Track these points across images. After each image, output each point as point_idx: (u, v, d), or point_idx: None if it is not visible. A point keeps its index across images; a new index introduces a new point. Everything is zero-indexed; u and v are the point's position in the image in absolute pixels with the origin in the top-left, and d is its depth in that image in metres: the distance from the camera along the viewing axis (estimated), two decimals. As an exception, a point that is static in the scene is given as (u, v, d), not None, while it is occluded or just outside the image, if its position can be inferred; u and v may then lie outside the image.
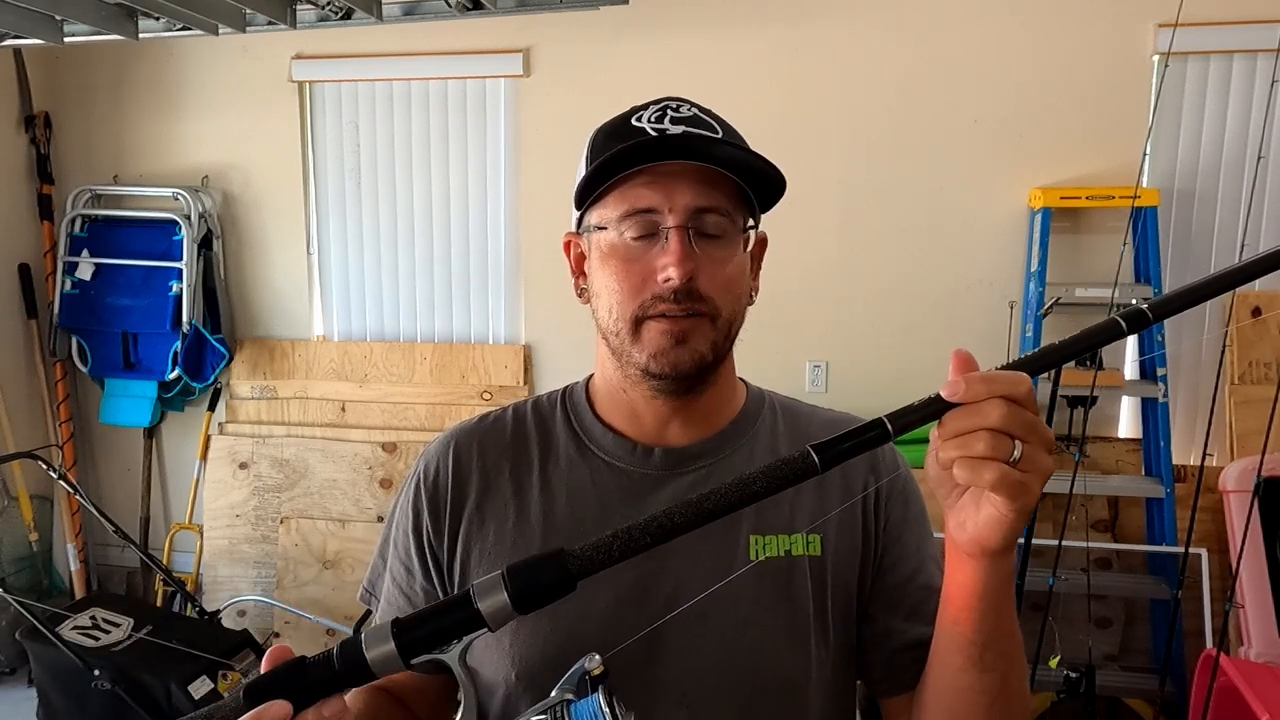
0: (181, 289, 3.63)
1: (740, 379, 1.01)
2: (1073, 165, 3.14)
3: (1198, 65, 3.07)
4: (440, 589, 0.96)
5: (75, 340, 3.82)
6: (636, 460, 0.94)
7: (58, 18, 2.99)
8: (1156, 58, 3.05)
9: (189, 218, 3.64)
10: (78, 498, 3.21)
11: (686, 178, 0.85)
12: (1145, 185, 2.87)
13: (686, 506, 0.66)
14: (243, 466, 3.72)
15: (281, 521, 3.64)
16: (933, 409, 0.67)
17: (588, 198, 0.89)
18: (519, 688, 0.89)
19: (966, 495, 0.70)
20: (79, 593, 3.84)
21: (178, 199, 3.68)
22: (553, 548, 0.66)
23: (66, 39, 3.10)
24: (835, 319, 3.36)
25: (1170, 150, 3.12)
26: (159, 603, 3.73)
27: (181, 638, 2.82)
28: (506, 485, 0.95)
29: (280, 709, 0.63)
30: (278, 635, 3.57)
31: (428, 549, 0.96)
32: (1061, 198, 3.04)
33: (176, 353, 3.64)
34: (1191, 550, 2.61)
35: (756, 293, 0.96)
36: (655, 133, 0.85)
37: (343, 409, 3.73)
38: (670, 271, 0.84)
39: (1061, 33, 3.11)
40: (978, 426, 0.64)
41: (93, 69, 3.82)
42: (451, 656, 0.65)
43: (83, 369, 3.84)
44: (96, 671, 2.65)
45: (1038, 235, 3.07)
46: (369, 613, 1.07)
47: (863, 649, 0.95)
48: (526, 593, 0.64)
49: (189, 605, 3.31)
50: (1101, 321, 0.69)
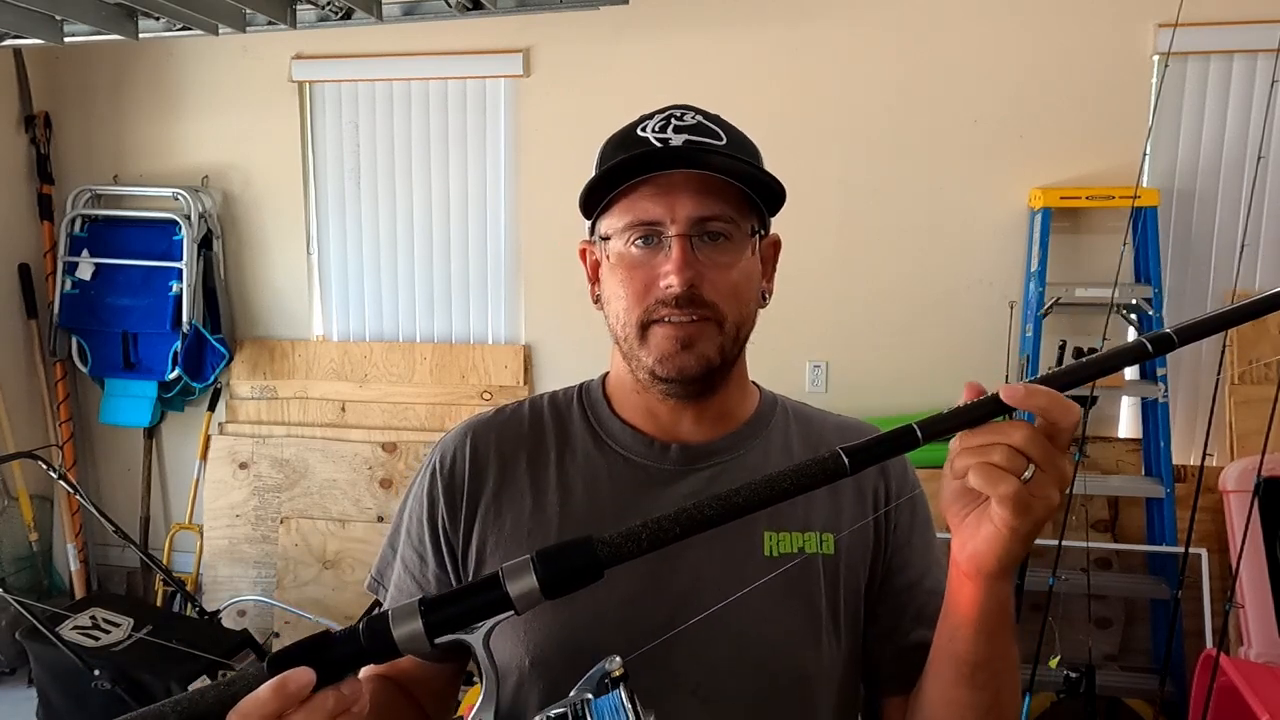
0: (181, 289, 3.63)
1: (753, 382, 1.03)
2: (1073, 165, 3.14)
3: (1198, 65, 3.07)
4: (454, 578, 0.97)
5: (75, 340, 3.82)
6: (653, 455, 0.95)
7: (58, 18, 2.99)
8: (1156, 58, 3.05)
9: (189, 218, 3.64)
10: (78, 498, 3.21)
11: (689, 187, 0.86)
12: (1145, 185, 2.87)
13: (717, 500, 0.66)
14: (243, 466, 3.72)
15: (281, 521, 3.64)
16: (967, 415, 0.68)
17: (593, 208, 0.91)
18: (533, 675, 0.90)
19: (971, 516, 0.72)
20: (79, 593, 3.84)
21: (178, 199, 3.68)
22: (579, 536, 0.66)
23: (66, 39, 3.10)
24: (835, 319, 3.36)
25: (1170, 150, 3.12)
26: (159, 603, 3.73)
27: (181, 638, 2.81)
28: (524, 476, 0.96)
29: (304, 676, 0.62)
30: (278, 635, 3.57)
31: (442, 537, 0.97)
32: (1061, 198, 3.04)
33: (176, 353, 3.64)
34: (1191, 550, 2.61)
35: (770, 294, 0.97)
36: (659, 142, 0.87)
37: (343, 409, 3.73)
38: (671, 279, 0.86)
39: (1061, 33, 3.11)
40: (998, 442, 0.67)
41: (93, 69, 3.82)
42: (476, 638, 0.64)
43: (83, 369, 3.84)
44: (96, 671, 2.65)
45: (1038, 235, 3.07)
46: (376, 604, 1.07)
47: (867, 649, 0.96)
48: (556, 578, 0.64)
49: (189, 605, 3.31)
50: (1128, 343, 0.71)
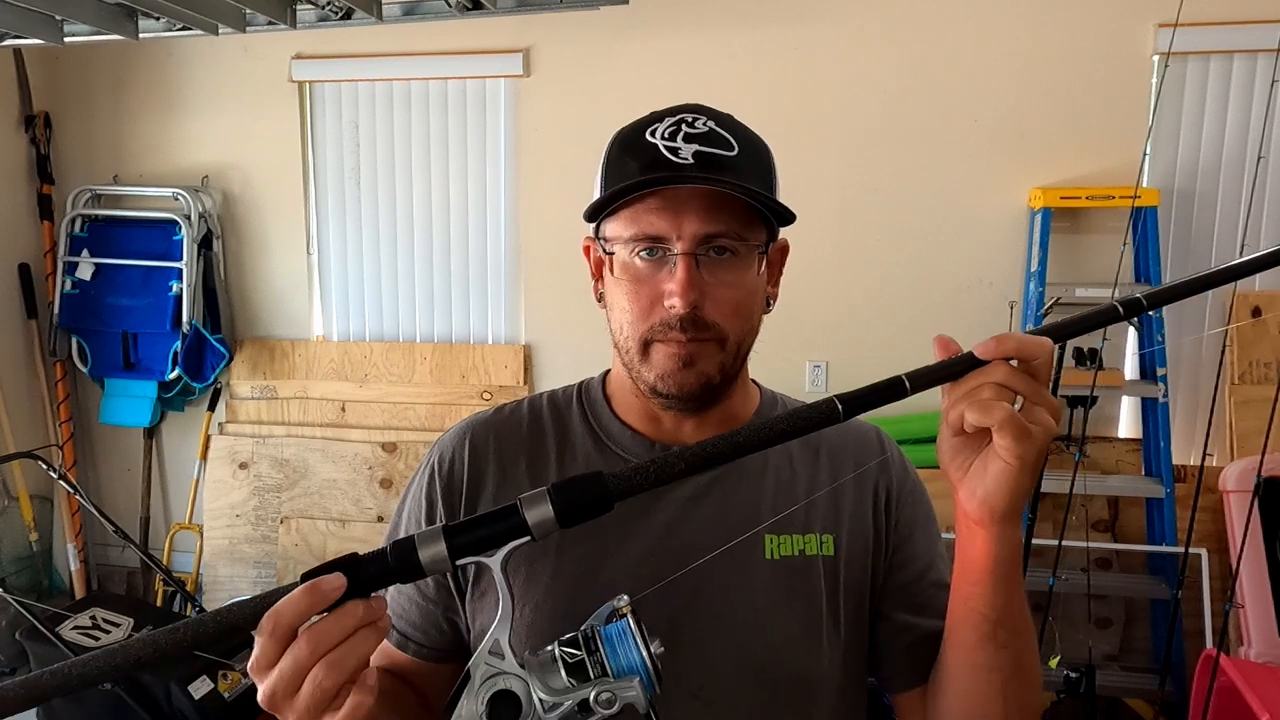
0: (181, 289, 3.63)
1: (753, 381, 1.03)
2: (1073, 165, 3.14)
3: (1198, 65, 3.07)
4: (452, 577, 0.96)
5: (75, 340, 3.82)
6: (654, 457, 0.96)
7: (58, 18, 2.99)
8: (1156, 58, 3.05)
9: (189, 218, 3.64)
10: (78, 498, 3.21)
11: (696, 203, 0.85)
12: (1145, 185, 2.87)
13: (720, 439, 0.71)
14: (243, 466, 3.72)
15: (281, 521, 3.64)
16: (950, 369, 0.73)
17: (598, 211, 0.91)
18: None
19: (975, 463, 0.75)
20: (79, 593, 3.85)
21: (178, 199, 3.68)
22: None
23: (66, 39, 3.09)
24: (835, 319, 3.36)
25: (1170, 150, 3.12)
26: (159, 603, 3.73)
27: (181, 638, 2.81)
28: (523, 477, 0.96)
29: (337, 579, 0.65)
30: (278, 635, 3.57)
31: None
32: (1061, 198, 3.04)
33: (176, 353, 3.64)
34: (1191, 550, 2.61)
35: (775, 299, 0.97)
36: (668, 151, 0.86)
37: (343, 409, 3.73)
38: (675, 301, 0.85)
39: (1061, 33, 3.11)
40: (983, 381, 0.72)
41: (93, 69, 3.83)
42: (495, 561, 0.68)
43: (83, 369, 3.84)
44: (96, 671, 2.64)
45: (1038, 235, 3.07)
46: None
47: (875, 645, 0.97)
48: (570, 507, 0.68)
49: (189, 605, 3.31)
50: (1100, 305, 0.77)
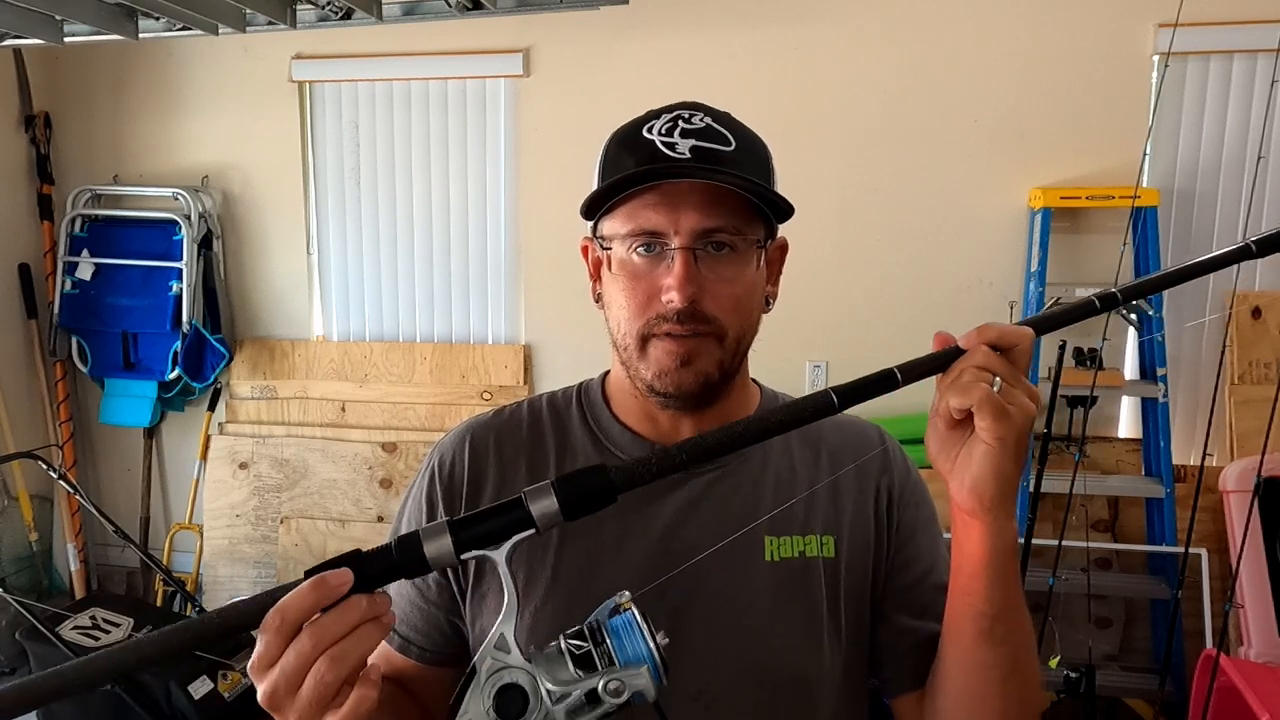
0: (181, 289, 3.63)
1: (753, 380, 1.02)
2: (1073, 165, 3.14)
3: (1198, 65, 3.07)
4: (453, 580, 0.96)
5: (75, 340, 3.82)
6: None
7: (58, 18, 2.99)
8: (1156, 58, 3.05)
9: (189, 218, 3.64)
10: (78, 498, 3.21)
11: (694, 197, 0.85)
12: (1145, 185, 2.87)
13: (720, 431, 0.71)
14: (243, 466, 3.72)
15: (281, 521, 3.64)
16: (937, 360, 0.76)
17: (595, 209, 0.90)
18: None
19: (961, 453, 0.75)
20: (79, 593, 3.84)
21: (178, 199, 3.68)
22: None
23: (66, 39, 3.09)
24: (835, 319, 3.36)
25: (1170, 150, 3.12)
26: (159, 603, 3.73)
27: (181, 638, 2.81)
28: (523, 479, 0.95)
29: (343, 574, 0.65)
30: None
31: None
32: (1061, 198, 3.04)
33: (176, 353, 3.64)
34: (1191, 550, 2.61)
35: (774, 299, 0.96)
36: (665, 147, 0.85)
37: (343, 409, 3.73)
38: (672, 295, 0.84)
39: (1061, 33, 3.11)
40: (963, 366, 0.74)
41: (93, 69, 3.82)
42: (500, 554, 0.68)
43: (83, 369, 3.84)
44: (96, 671, 2.64)
45: (1037, 235, 3.07)
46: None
47: (875, 647, 0.96)
48: (574, 499, 0.68)
49: (189, 605, 3.31)
50: (1079, 299, 0.80)
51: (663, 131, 0.87)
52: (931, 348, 0.77)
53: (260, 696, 0.65)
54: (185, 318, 3.62)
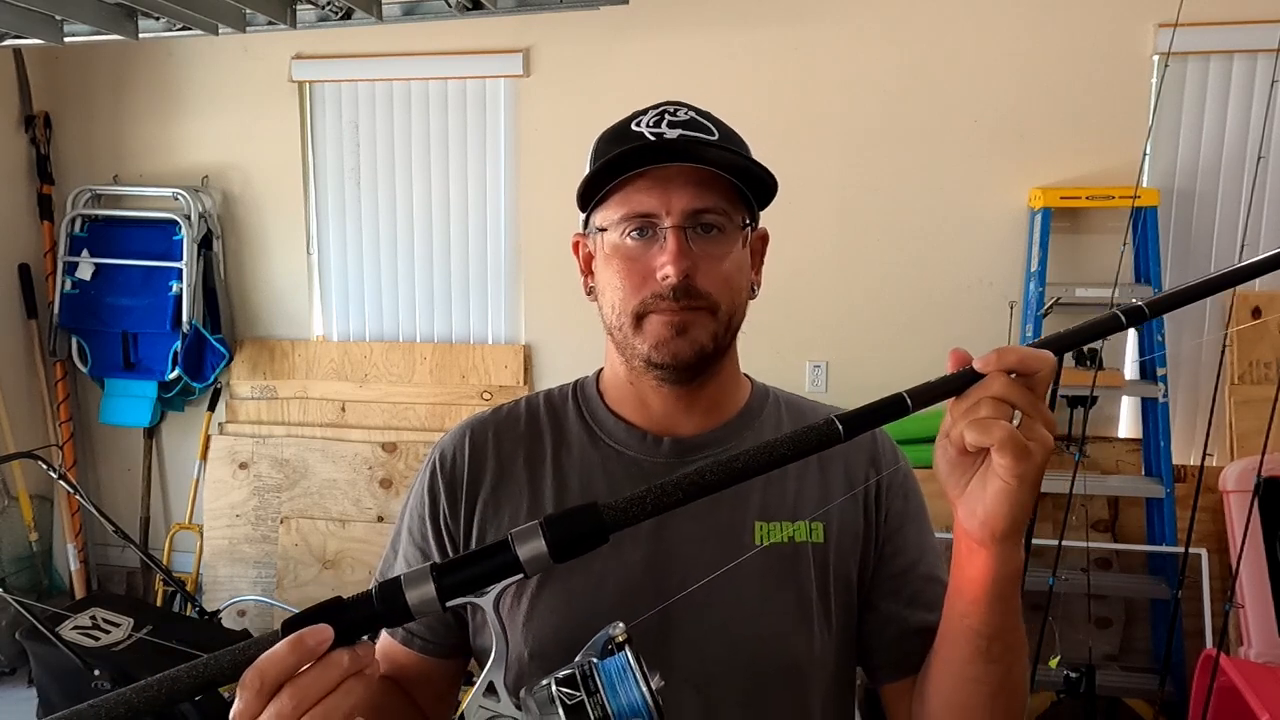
0: (181, 289, 3.63)
1: (745, 374, 1.04)
2: (1073, 165, 3.14)
3: (1198, 65, 3.07)
4: None
5: (75, 340, 3.82)
6: (646, 449, 0.97)
7: (58, 18, 2.99)
8: (1156, 58, 3.05)
9: (189, 218, 3.64)
10: (78, 498, 3.21)
11: (683, 180, 0.88)
12: (1145, 185, 2.87)
13: (718, 466, 0.68)
14: (243, 466, 3.72)
15: (281, 521, 3.64)
16: (950, 385, 0.71)
17: (590, 200, 0.93)
18: (532, 666, 0.91)
19: (974, 480, 0.73)
20: (79, 593, 3.84)
21: (178, 199, 3.68)
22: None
23: (66, 39, 3.09)
24: (835, 319, 3.36)
25: (1170, 150, 3.12)
26: (159, 603, 3.73)
27: (181, 638, 2.81)
28: (521, 472, 0.98)
29: (322, 632, 0.62)
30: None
31: (444, 531, 0.98)
32: (1061, 198, 3.04)
33: (176, 353, 3.64)
34: (1191, 550, 2.61)
35: (758, 286, 0.99)
36: (653, 136, 0.89)
37: (343, 409, 3.73)
38: (668, 270, 0.87)
39: (1061, 33, 3.11)
40: (981, 396, 0.70)
41: (93, 69, 3.82)
42: (486, 601, 0.66)
43: (83, 369, 3.84)
44: (96, 671, 2.64)
45: (1038, 235, 3.07)
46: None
47: (864, 636, 0.98)
48: (563, 541, 0.65)
49: (189, 605, 3.31)
50: (1102, 314, 0.74)
51: (650, 124, 0.91)
52: (945, 361, 0.72)
53: None
54: (185, 318, 3.62)
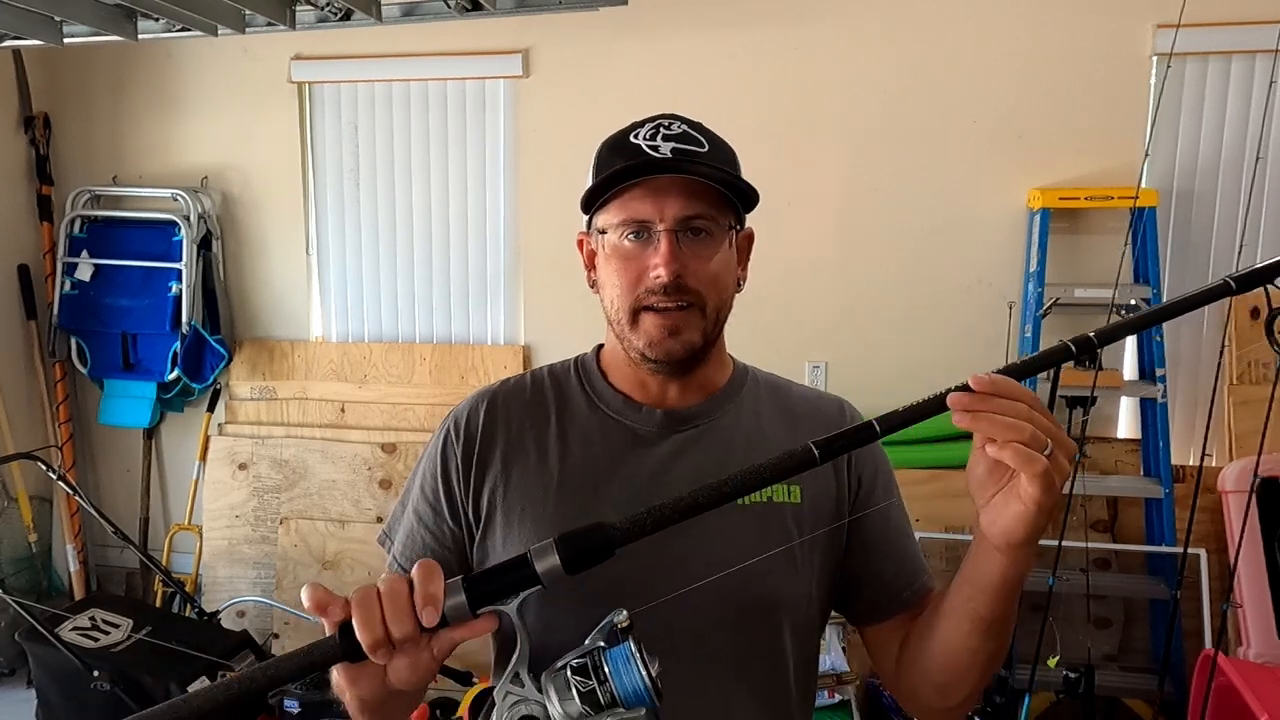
0: (181, 290, 3.63)
1: (730, 355, 1.16)
2: (1072, 165, 3.14)
3: (1196, 66, 3.07)
4: (465, 528, 1.08)
5: (74, 341, 3.82)
6: (641, 419, 1.08)
7: (57, 19, 2.99)
8: (1156, 58, 3.05)
9: (188, 218, 3.64)
10: (77, 499, 3.21)
11: (675, 189, 0.99)
12: (1144, 186, 2.87)
13: (709, 489, 0.78)
14: (242, 467, 3.72)
15: (281, 522, 3.64)
16: (918, 411, 0.79)
17: (592, 204, 1.04)
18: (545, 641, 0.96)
19: (999, 497, 0.82)
20: (78, 593, 3.84)
21: (177, 200, 3.68)
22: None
23: (66, 40, 3.09)
24: (834, 319, 3.36)
25: (1169, 151, 3.12)
26: (158, 603, 3.73)
27: (181, 639, 2.81)
28: (528, 435, 1.09)
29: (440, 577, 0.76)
30: (277, 636, 3.57)
31: (457, 489, 1.08)
32: (1060, 198, 3.05)
33: (176, 353, 3.64)
34: (1190, 550, 2.60)
35: (744, 282, 1.10)
36: (650, 149, 1.00)
37: (342, 410, 3.73)
38: (660, 270, 0.98)
39: (1061, 33, 3.11)
40: (1029, 418, 0.78)
41: (92, 70, 3.82)
42: (511, 609, 0.77)
43: (82, 370, 3.84)
44: (96, 672, 2.65)
45: (1036, 236, 3.07)
46: None
47: (845, 586, 1.09)
48: (575, 556, 0.76)
49: (188, 606, 3.31)
50: (1054, 346, 0.82)
51: (647, 137, 1.01)
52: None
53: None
54: (184, 318, 3.62)
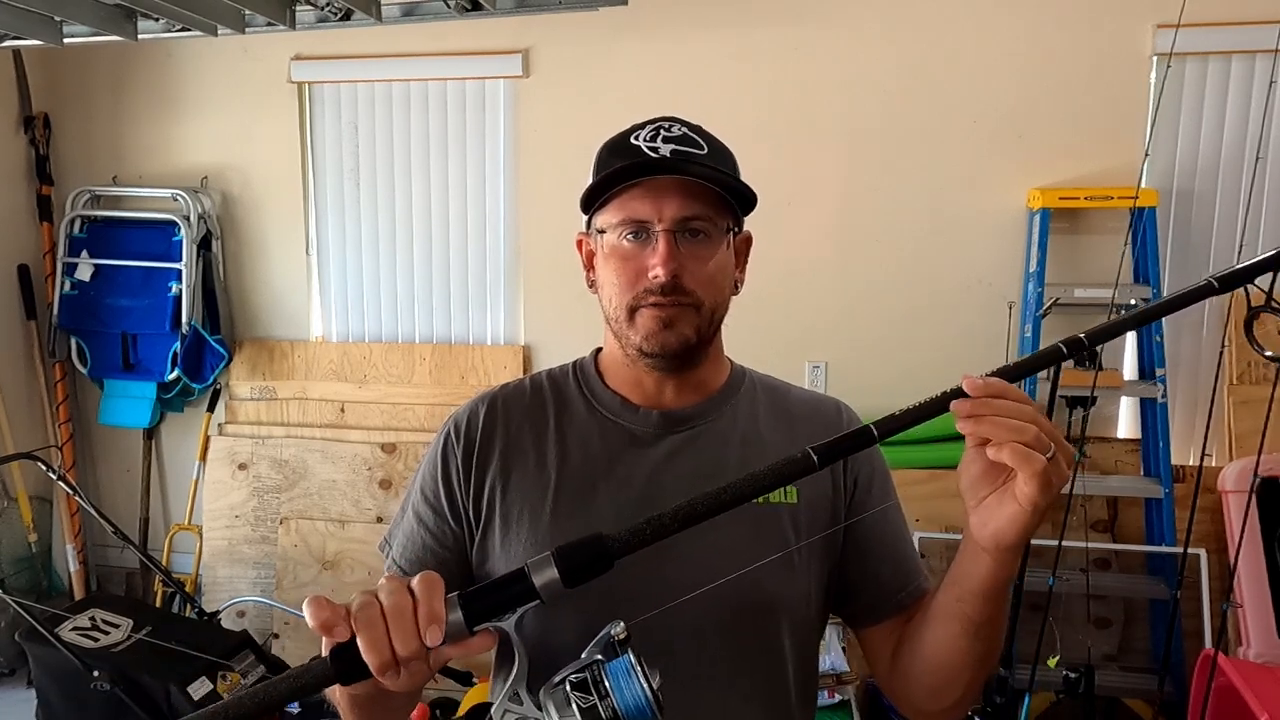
0: (181, 290, 3.63)
1: (727, 357, 1.16)
2: (1071, 165, 3.14)
3: (1196, 66, 3.07)
4: (466, 528, 1.07)
5: (75, 341, 3.82)
6: (638, 420, 1.09)
7: (57, 19, 2.99)
8: (1156, 58, 3.05)
9: (188, 218, 3.64)
10: (77, 499, 3.21)
11: (674, 190, 0.99)
12: (1144, 185, 2.87)
13: (707, 497, 0.77)
14: (242, 467, 3.72)
15: (281, 522, 3.64)
16: (917, 414, 0.78)
17: (592, 205, 1.04)
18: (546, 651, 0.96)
19: (992, 497, 0.83)
20: (78, 594, 3.84)
21: (177, 200, 3.68)
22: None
23: (66, 40, 3.09)
24: (834, 320, 3.36)
25: (1169, 150, 3.12)
26: (158, 603, 3.73)
27: (181, 639, 2.81)
28: (527, 437, 1.09)
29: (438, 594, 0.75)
30: (277, 636, 3.57)
31: (457, 490, 1.08)
32: (1060, 198, 3.04)
33: (176, 353, 3.64)
34: (1190, 550, 2.60)
35: (741, 284, 1.10)
36: (649, 151, 1.00)
37: (342, 410, 3.73)
38: (658, 270, 0.99)
39: (1061, 33, 3.11)
40: (1034, 420, 0.78)
41: (92, 70, 3.82)
42: (508, 625, 0.75)
43: (82, 370, 3.84)
44: (96, 672, 2.64)
45: (1036, 235, 3.07)
46: None
47: (842, 588, 1.09)
48: (573, 570, 0.73)
49: (188, 606, 3.31)
50: (1047, 348, 0.82)
51: (646, 138, 1.02)
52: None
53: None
54: (184, 318, 3.62)
